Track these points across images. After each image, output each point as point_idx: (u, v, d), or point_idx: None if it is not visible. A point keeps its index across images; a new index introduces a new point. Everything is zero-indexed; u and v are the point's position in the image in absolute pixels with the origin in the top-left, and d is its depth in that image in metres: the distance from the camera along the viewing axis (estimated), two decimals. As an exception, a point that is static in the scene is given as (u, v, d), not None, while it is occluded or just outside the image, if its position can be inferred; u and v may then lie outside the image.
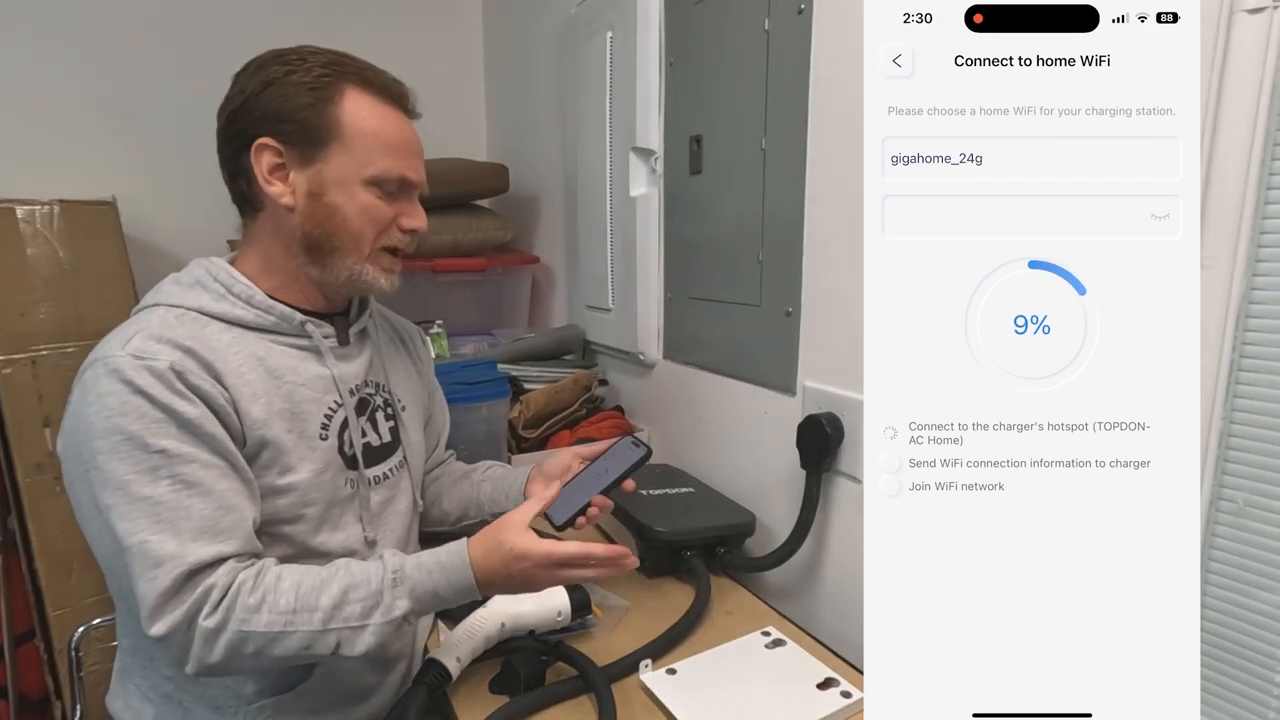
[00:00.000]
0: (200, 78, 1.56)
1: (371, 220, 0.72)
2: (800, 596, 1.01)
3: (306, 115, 0.69)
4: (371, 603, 0.65)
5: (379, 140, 0.71)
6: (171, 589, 0.60)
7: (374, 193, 0.72)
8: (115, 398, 0.62)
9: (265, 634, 0.62)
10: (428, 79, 0.92)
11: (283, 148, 0.70)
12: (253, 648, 0.62)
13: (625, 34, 1.23)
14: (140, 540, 0.60)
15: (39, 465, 1.25)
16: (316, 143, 0.70)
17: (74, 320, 1.28)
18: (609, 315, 1.40)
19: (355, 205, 0.71)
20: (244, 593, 0.62)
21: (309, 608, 0.63)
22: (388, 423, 0.83)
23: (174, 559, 0.61)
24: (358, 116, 0.70)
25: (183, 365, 0.64)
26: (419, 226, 0.76)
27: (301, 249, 0.72)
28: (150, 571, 0.60)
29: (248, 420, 0.68)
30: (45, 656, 1.31)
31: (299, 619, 0.63)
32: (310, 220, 0.71)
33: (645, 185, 1.26)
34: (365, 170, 0.71)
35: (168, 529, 0.61)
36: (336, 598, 0.64)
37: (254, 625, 0.62)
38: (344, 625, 0.64)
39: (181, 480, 0.62)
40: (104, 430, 0.61)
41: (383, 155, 0.71)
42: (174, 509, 0.62)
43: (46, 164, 1.48)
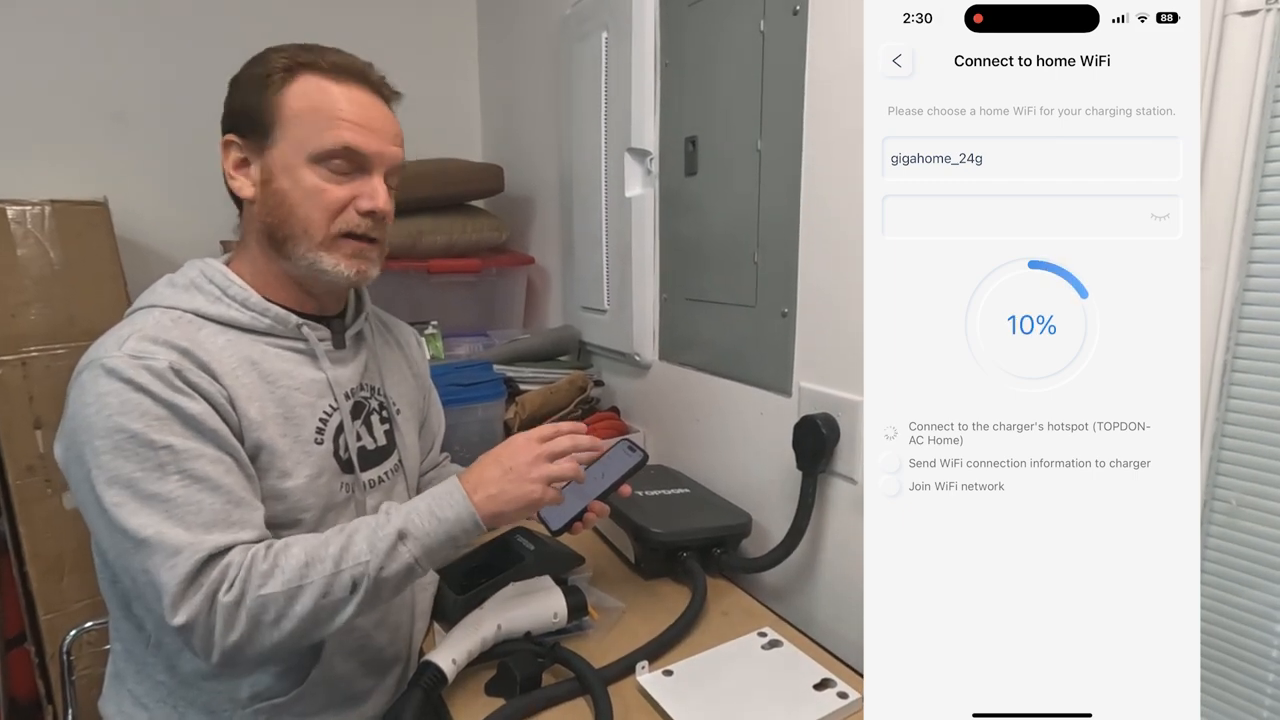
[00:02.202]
0: (193, 78, 1.56)
1: (319, 204, 0.69)
2: (797, 597, 1.01)
3: (254, 104, 0.69)
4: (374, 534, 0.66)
5: (319, 115, 0.68)
6: (191, 574, 0.60)
7: (320, 173, 0.69)
8: (115, 397, 0.61)
9: (283, 593, 0.62)
10: (423, 79, 0.92)
11: (241, 141, 0.70)
12: (273, 613, 0.62)
13: (620, 35, 1.23)
14: (156, 532, 0.60)
15: (30, 468, 1.24)
16: (263, 129, 0.69)
17: (65, 321, 1.27)
18: (604, 316, 1.40)
19: (301, 189, 0.69)
20: (257, 563, 0.63)
21: (319, 559, 0.64)
22: (383, 426, 0.82)
23: (191, 546, 0.61)
24: (301, 96, 0.69)
25: (180, 364, 0.64)
26: (376, 207, 0.71)
27: (268, 242, 0.72)
28: (170, 560, 0.60)
29: (245, 420, 0.68)
30: (37, 661, 1.30)
31: (312, 570, 0.63)
32: (264, 209, 0.71)
33: (640, 186, 1.26)
34: (306, 148, 0.68)
35: (180, 523, 0.61)
36: (343, 542, 0.65)
37: (270, 588, 0.62)
38: (354, 563, 0.64)
39: (190, 475, 0.62)
40: (106, 430, 0.61)
41: (324, 130, 0.68)
42: (185, 504, 0.62)
43: (38, 164, 1.47)
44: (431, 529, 0.67)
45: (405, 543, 0.66)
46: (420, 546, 0.66)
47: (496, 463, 0.71)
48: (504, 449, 0.73)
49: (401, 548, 0.66)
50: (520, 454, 0.71)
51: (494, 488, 0.70)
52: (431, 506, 0.68)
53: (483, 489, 0.69)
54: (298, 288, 0.75)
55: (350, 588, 0.64)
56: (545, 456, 0.71)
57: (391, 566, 0.65)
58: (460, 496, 0.69)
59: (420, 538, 0.67)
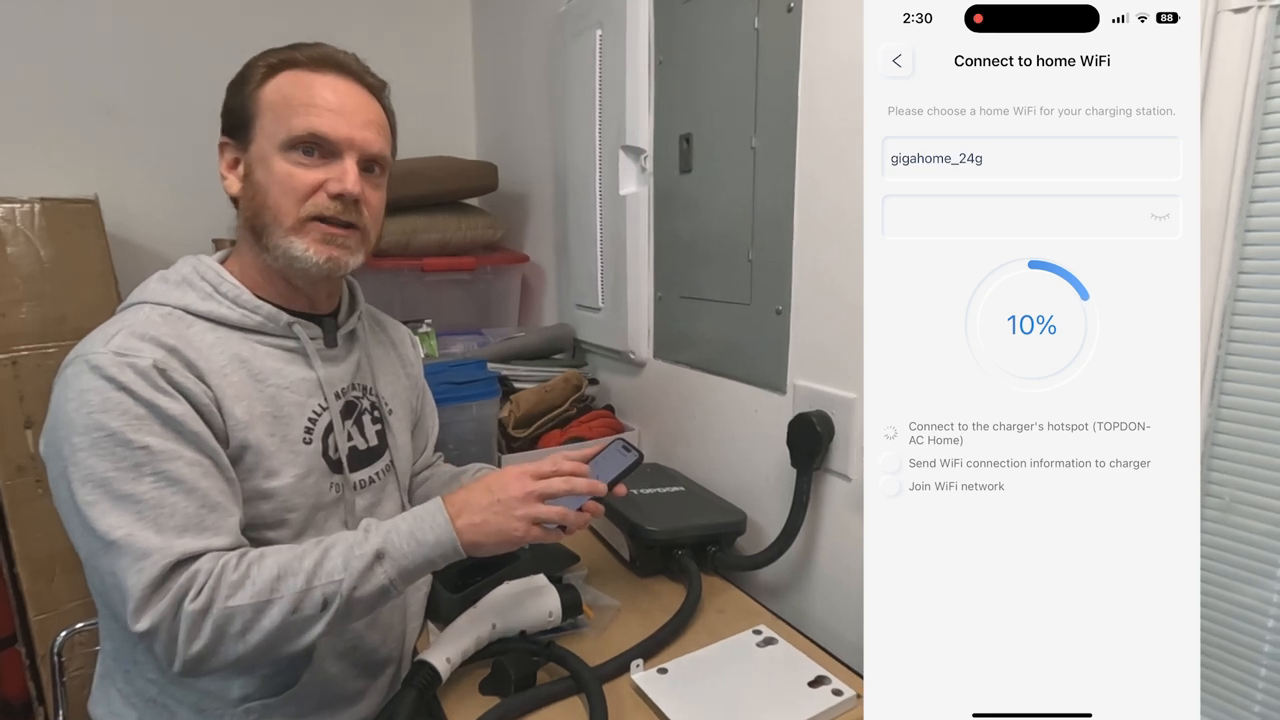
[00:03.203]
0: (184, 75, 1.55)
1: (287, 189, 0.68)
2: (791, 594, 1.01)
3: (237, 103, 0.70)
4: (350, 553, 0.64)
5: (291, 103, 0.69)
6: (157, 580, 0.59)
7: (291, 159, 0.69)
8: (97, 394, 0.61)
9: (251, 605, 0.61)
10: (417, 77, 0.91)
11: (231, 142, 0.72)
12: (239, 624, 0.61)
13: (615, 32, 1.23)
14: (126, 534, 0.59)
15: (20, 468, 1.23)
16: (243, 126, 0.70)
17: (55, 320, 1.26)
18: (599, 314, 1.40)
19: (273, 177, 0.69)
20: (228, 572, 0.61)
21: (292, 572, 0.63)
22: (374, 426, 0.82)
23: (160, 550, 0.60)
24: (276, 90, 0.69)
25: (166, 363, 0.64)
26: (345, 189, 0.69)
27: (252, 236, 0.72)
28: (138, 564, 0.59)
29: (230, 420, 0.67)
30: (27, 662, 1.29)
31: (283, 584, 0.62)
32: (245, 203, 0.72)
33: (635, 184, 1.25)
34: (278, 137, 0.68)
35: (151, 526, 0.60)
36: (318, 557, 0.64)
37: (239, 600, 0.61)
38: (327, 580, 0.63)
39: (165, 477, 0.61)
40: (85, 427, 0.60)
41: (293, 116, 0.68)
42: (157, 506, 0.61)
43: (28, 161, 1.46)
44: (410, 551, 0.66)
45: (382, 563, 0.65)
46: (397, 568, 0.65)
47: (487, 491, 0.70)
48: (496, 478, 0.71)
49: (378, 568, 0.65)
50: (511, 487, 0.70)
51: (478, 516, 0.68)
52: (413, 528, 0.67)
53: (467, 515, 0.68)
54: (285, 283, 0.75)
55: (321, 605, 0.63)
56: (536, 495, 0.70)
57: (365, 587, 0.64)
58: (443, 520, 0.68)
59: (398, 559, 0.66)
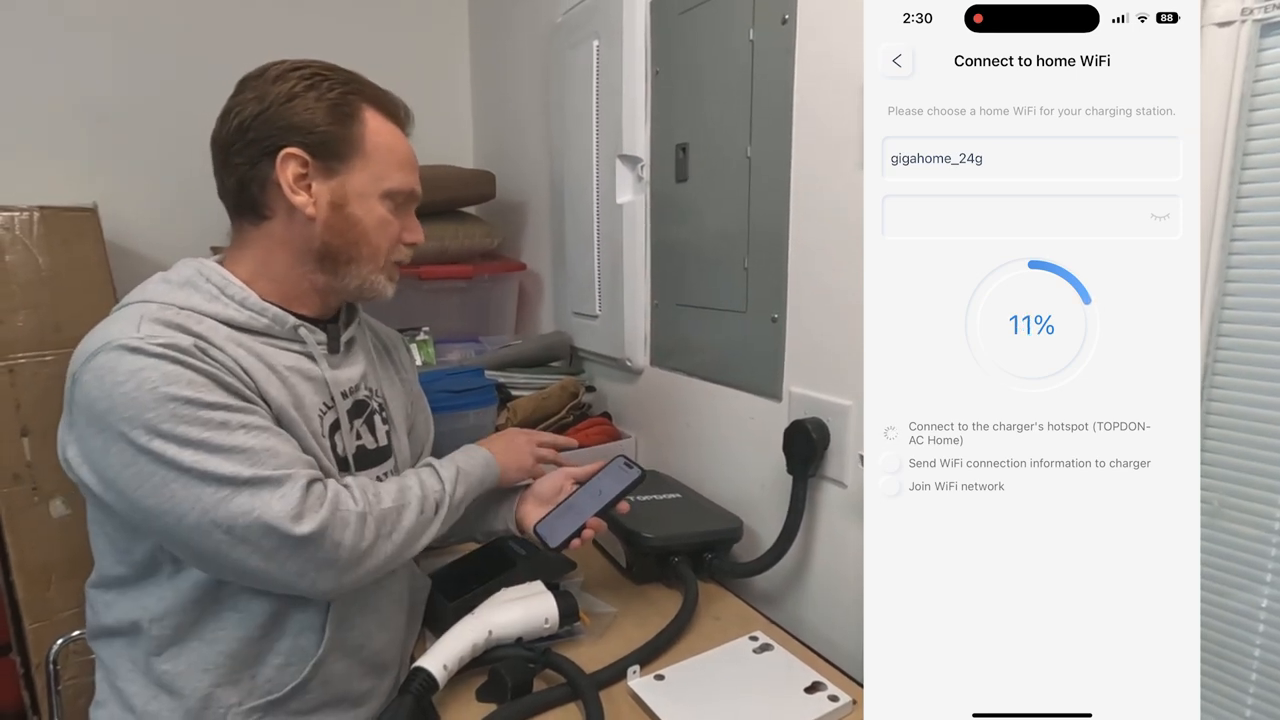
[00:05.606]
0: (184, 82, 1.56)
1: (386, 234, 0.77)
2: (787, 601, 1.01)
3: (333, 129, 0.72)
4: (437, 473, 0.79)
5: (393, 156, 0.76)
6: (303, 495, 0.64)
7: (387, 206, 0.76)
8: (153, 370, 0.61)
9: (394, 508, 0.71)
10: (415, 86, 0.92)
11: (309, 159, 0.71)
12: (389, 525, 0.70)
13: (611, 43, 1.24)
14: (254, 472, 0.62)
15: (16, 475, 1.23)
16: (341, 156, 0.72)
17: (53, 328, 1.25)
18: (596, 322, 1.41)
19: (374, 218, 0.75)
20: (355, 486, 0.70)
21: (405, 487, 0.75)
22: (384, 427, 0.83)
23: (292, 476, 0.64)
24: (377, 134, 0.75)
25: (202, 344, 0.65)
26: (419, 240, 0.82)
27: (315, 257, 0.74)
28: (279, 489, 0.63)
29: (267, 398, 0.69)
30: (22, 671, 1.28)
31: (407, 494, 0.74)
32: (330, 230, 0.73)
33: (631, 192, 1.26)
34: (382, 184, 0.75)
35: (268, 466, 0.64)
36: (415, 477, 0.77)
37: (385, 504, 0.71)
38: (434, 489, 0.77)
39: (253, 429, 0.64)
40: (155, 400, 0.61)
41: (397, 170, 0.76)
42: (262, 450, 0.64)
43: (26, 169, 1.45)
44: (472, 469, 0.83)
45: (461, 478, 0.80)
46: (467, 483, 0.81)
47: (498, 439, 0.91)
48: (500, 436, 0.93)
49: (460, 482, 0.80)
50: (518, 439, 0.93)
51: (500, 453, 0.88)
52: (467, 457, 0.84)
53: (490, 449, 0.87)
54: (312, 293, 0.76)
55: (435, 508, 0.76)
56: (536, 443, 0.94)
57: (458, 494, 0.79)
58: (478, 449, 0.87)
59: (469, 473, 0.82)
